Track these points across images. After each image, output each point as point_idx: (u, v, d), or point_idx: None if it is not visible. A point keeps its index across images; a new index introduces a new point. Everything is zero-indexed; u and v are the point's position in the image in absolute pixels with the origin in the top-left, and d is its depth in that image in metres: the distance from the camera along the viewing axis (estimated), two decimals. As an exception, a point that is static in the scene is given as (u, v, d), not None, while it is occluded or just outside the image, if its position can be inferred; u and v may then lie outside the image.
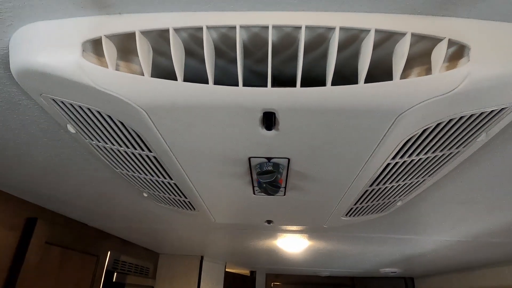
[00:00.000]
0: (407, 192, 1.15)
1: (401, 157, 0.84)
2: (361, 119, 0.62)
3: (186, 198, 1.22)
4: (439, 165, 0.95)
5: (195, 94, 0.58)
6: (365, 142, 0.73)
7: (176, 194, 1.18)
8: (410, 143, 0.77)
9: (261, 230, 2.16)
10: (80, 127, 0.81)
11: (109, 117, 0.72)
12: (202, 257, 3.52)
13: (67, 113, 0.75)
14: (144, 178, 1.09)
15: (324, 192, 1.04)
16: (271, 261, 3.85)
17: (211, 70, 0.57)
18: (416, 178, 1.03)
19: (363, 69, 0.56)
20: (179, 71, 0.57)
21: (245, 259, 3.84)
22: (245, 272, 4.86)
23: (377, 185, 1.03)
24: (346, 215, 1.34)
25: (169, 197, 1.26)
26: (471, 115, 0.67)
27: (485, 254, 2.67)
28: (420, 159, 0.87)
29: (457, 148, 0.85)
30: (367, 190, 1.06)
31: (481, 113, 0.66)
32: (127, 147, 0.87)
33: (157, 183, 1.11)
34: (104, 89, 0.60)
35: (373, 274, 4.47)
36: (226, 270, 4.01)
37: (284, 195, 1.08)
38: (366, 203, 1.21)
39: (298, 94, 0.57)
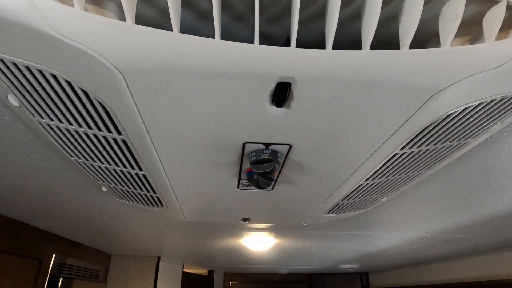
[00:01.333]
0: (398, 187, 1.08)
1: (411, 147, 0.76)
2: (394, 95, 0.52)
3: (155, 193, 1.05)
4: (441, 158, 0.89)
5: (195, 51, 0.44)
6: (384, 127, 0.63)
7: (144, 188, 1.01)
8: (427, 130, 0.68)
9: (228, 228, 2.02)
10: (26, 98, 0.62)
11: (68, 84, 0.55)
12: (159, 258, 3.30)
13: (8, 78, 0.57)
14: (106, 168, 0.91)
15: (317, 187, 0.93)
16: (231, 260, 3.73)
17: (218, 20, 0.43)
18: (413, 172, 0.97)
19: (408, 31, 0.45)
20: (175, 19, 0.43)
21: (205, 259, 3.67)
22: (203, 271, 4.69)
23: (373, 179, 0.95)
24: (329, 212, 1.25)
25: (133, 192, 1.09)
26: (502, 99, 0.60)
27: (442, 249, 2.77)
28: (428, 149, 0.79)
29: (466, 139, 0.79)
30: (361, 185, 0.97)
31: (513, 97, 0.60)
32: (89, 127, 0.69)
33: (122, 175, 0.93)
34: (66, 39, 0.43)
35: (331, 270, 4.52)
36: (184, 270, 3.81)
37: (272, 189, 0.96)
38: (354, 199, 1.13)
39: (328, 58, 0.45)
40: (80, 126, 0.69)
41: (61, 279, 2.19)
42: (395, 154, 0.79)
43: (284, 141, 0.68)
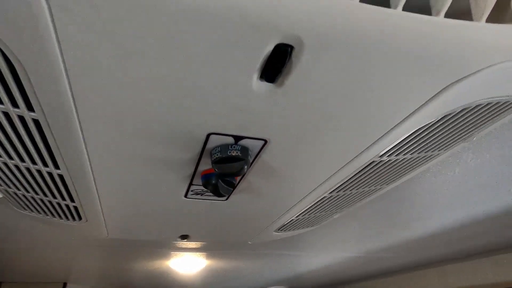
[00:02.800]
0: (356, 202, 1.01)
1: (390, 154, 0.69)
2: (413, 72, 0.42)
3: (73, 201, 0.81)
4: (407, 171, 0.84)
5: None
6: (380, 125, 0.53)
7: (58, 194, 0.78)
8: (414, 135, 0.61)
9: (157, 248, 1.77)
10: None
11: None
12: (64, 284, 2.83)
13: None
14: (4, 163, 0.66)
15: (280, 197, 0.81)
16: (153, 285, 3.36)
17: None
18: (375, 186, 0.90)
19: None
20: None
21: (121, 283, 3.26)
22: (118, 298, 4.16)
23: (338, 191, 0.85)
24: (280, 229, 1.13)
25: (42, 200, 0.83)
26: (497, 102, 0.56)
27: (371, 267, 2.84)
28: (404, 159, 0.73)
29: (439, 150, 0.74)
30: (324, 197, 0.88)
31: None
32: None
33: (27, 174, 0.69)
34: None
35: (258, 292, 4.39)
36: (95, 298, 3.32)
37: (227, 199, 0.81)
38: (310, 214, 1.03)
39: (352, 11, 0.34)
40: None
41: None
42: (372, 162, 0.71)
43: (259, 135, 0.54)
